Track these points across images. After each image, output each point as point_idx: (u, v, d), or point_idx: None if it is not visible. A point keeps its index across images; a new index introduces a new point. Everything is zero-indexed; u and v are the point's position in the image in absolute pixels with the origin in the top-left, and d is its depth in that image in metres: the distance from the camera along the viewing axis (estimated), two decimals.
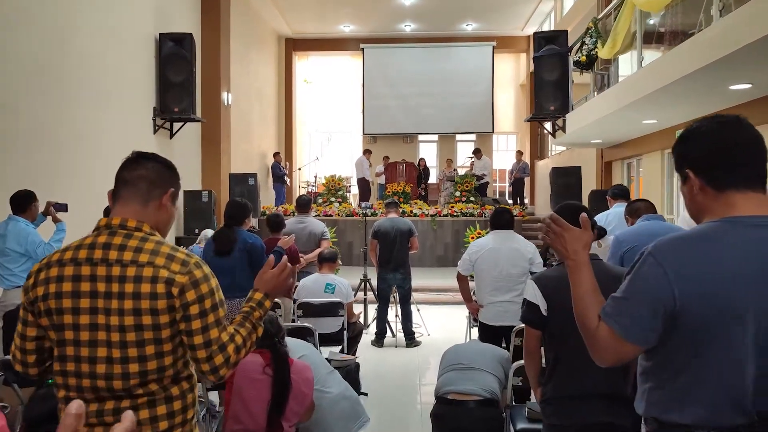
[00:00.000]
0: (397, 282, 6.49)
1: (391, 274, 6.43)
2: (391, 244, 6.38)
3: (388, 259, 6.42)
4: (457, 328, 7.46)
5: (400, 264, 6.42)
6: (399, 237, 6.36)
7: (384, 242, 6.42)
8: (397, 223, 6.45)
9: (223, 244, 4.21)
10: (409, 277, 6.54)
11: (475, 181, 13.19)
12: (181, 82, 8.38)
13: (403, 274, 6.47)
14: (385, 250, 6.42)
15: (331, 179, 13.26)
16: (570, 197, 8.95)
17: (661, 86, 5.52)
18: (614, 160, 9.85)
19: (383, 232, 6.41)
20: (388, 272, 6.45)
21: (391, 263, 6.40)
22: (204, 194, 8.90)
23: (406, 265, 6.49)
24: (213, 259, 4.19)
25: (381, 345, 6.50)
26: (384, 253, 6.45)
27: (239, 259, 4.20)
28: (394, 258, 6.39)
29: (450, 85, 16.49)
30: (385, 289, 6.54)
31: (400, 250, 6.40)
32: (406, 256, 6.48)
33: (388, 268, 6.43)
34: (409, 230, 6.41)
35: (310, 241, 6.25)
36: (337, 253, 5.29)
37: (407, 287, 6.55)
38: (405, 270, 6.48)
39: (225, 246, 4.20)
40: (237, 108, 12.06)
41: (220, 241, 4.25)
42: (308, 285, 5.00)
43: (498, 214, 4.42)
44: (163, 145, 8.68)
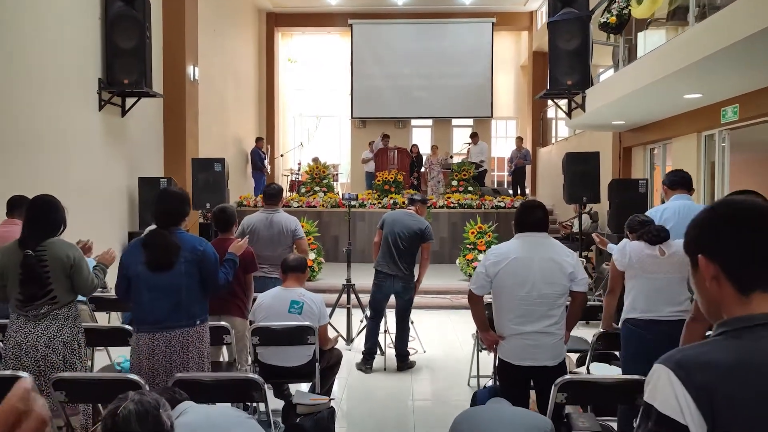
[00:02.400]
0: (396, 290, 5.24)
1: (389, 280, 5.19)
2: (395, 241, 5.16)
3: (387, 260, 5.19)
4: (459, 342, 6.28)
5: (402, 269, 5.19)
6: (407, 235, 5.15)
7: (388, 236, 5.20)
8: (410, 218, 5.25)
9: (162, 255, 2.96)
10: (411, 286, 5.30)
11: (473, 169, 11.99)
12: (132, 49, 7.05)
13: (405, 281, 5.23)
14: (387, 247, 5.20)
15: (315, 166, 11.99)
16: (586, 186, 7.78)
17: (723, 47, 4.32)
18: (635, 146, 8.66)
19: (389, 222, 5.22)
20: (385, 277, 5.21)
21: (391, 266, 5.17)
22: (162, 182, 7.61)
23: (410, 272, 5.26)
24: (147, 275, 2.96)
25: (369, 369, 5.26)
26: (385, 250, 5.22)
27: (186, 273, 2.97)
28: (396, 260, 5.16)
29: (445, 65, 15.25)
30: (379, 298, 5.29)
31: (406, 250, 5.18)
32: (411, 261, 5.24)
33: (387, 271, 5.19)
34: (421, 232, 5.19)
35: (280, 240, 5.04)
36: (306, 260, 4.05)
37: (408, 298, 5.31)
38: (408, 277, 5.24)
39: (164, 257, 2.96)
40: (208, 86, 10.72)
41: (155, 251, 2.98)
42: (267, 303, 3.76)
43: (527, 211, 3.19)
44: (113, 124, 7.37)
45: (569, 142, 12.02)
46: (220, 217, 4.21)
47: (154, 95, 7.49)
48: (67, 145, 6.41)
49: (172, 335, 2.95)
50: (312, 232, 9.11)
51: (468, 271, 8.92)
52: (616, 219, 7.44)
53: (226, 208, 4.25)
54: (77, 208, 5.96)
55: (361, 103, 15.46)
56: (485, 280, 3.09)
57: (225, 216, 4.21)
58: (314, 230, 9.16)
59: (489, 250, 3.16)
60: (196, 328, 3.03)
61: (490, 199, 11.32)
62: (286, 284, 3.84)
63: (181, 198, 3.17)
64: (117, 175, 7.47)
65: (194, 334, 3.01)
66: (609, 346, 3.61)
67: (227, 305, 4.05)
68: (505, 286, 3.04)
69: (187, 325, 2.99)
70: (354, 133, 15.97)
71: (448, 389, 4.99)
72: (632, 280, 3.42)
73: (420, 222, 5.22)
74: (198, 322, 3.04)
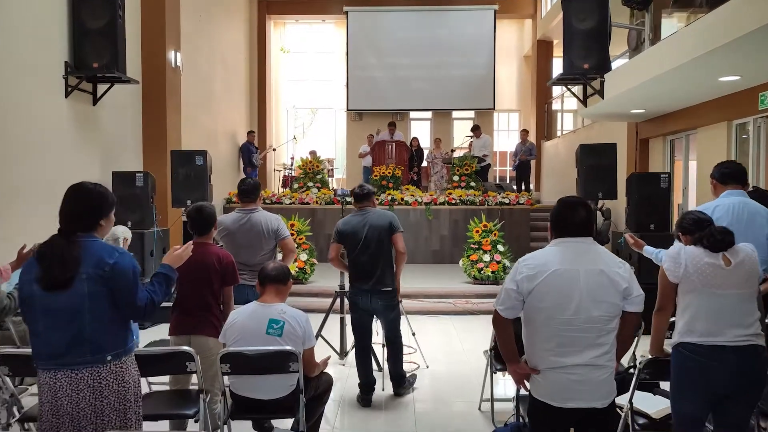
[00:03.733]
0: (376, 308, 4.41)
1: (366, 296, 4.35)
2: (362, 250, 4.33)
3: (360, 274, 4.36)
4: (465, 354, 5.62)
5: (379, 280, 4.33)
6: (375, 238, 4.32)
7: (352, 248, 4.37)
8: (370, 217, 4.38)
9: (57, 270, 2.26)
10: (395, 300, 4.45)
11: (476, 164, 11.32)
12: (102, 29, 6.37)
13: (386, 296, 4.36)
14: (355, 259, 4.37)
15: (308, 160, 11.30)
16: (602, 181, 7.13)
17: None
18: (653, 137, 7.99)
19: (349, 233, 4.36)
20: (361, 294, 4.37)
21: (366, 280, 4.34)
22: (138, 177, 6.93)
23: (388, 281, 4.38)
24: (42, 296, 2.27)
25: (369, 403, 4.47)
26: (354, 265, 4.40)
27: (89, 294, 2.28)
28: (370, 271, 4.33)
29: (445, 54, 14.56)
30: (361, 320, 4.47)
31: (378, 257, 4.33)
32: (387, 267, 4.38)
33: (362, 287, 4.36)
34: (390, 225, 4.37)
35: (261, 243, 4.37)
36: (289, 270, 3.37)
37: (393, 316, 4.48)
38: (388, 288, 4.37)
39: (59, 273, 2.26)
40: (194, 75, 10.02)
41: (49, 265, 2.28)
42: (241, 323, 3.09)
43: (568, 209, 2.49)
44: (82, 113, 6.68)
45: (577, 134, 11.36)
46: (196, 218, 3.53)
47: (129, 81, 6.80)
48: (30, 135, 5.73)
49: (78, 375, 2.26)
50: (304, 231, 8.44)
51: (472, 273, 8.26)
52: (635, 216, 6.79)
53: (203, 208, 3.57)
54: (41, 206, 5.31)
55: (357, 95, 14.75)
56: (517, 299, 2.41)
57: (202, 217, 3.53)
58: (306, 229, 8.49)
59: (521, 261, 2.48)
60: (110, 366, 2.32)
61: (494, 195, 10.66)
62: (263, 299, 3.16)
63: (92, 195, 2.40)
64: (88, 169, 6.78)
65: (109, 375, 2.31)
66: (657, 375, 2.95)
67: (198, 323, 3.39)
68: (543, 306, 2.37)
69: (94, 362, 2.28)
70: (350, 126, 15.27)
71: (458, 417, 4.31)
72: (689, 296, 2.75)
73: (384, 215, 4.46)
74: (109, 358, 2.32)
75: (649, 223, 6.63)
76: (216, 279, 3.42)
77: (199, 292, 3.39)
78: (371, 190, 4.60)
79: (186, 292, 3.41)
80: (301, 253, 8.30)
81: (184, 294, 3.41)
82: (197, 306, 3.39)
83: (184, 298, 3.42)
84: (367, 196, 4.52)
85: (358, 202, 4.53)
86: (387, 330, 4.52)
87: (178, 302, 3.45)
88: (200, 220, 3.52)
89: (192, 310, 3.40)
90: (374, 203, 4.60)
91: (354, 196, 4.56)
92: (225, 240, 4.42)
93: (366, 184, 4.66)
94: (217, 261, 3.43)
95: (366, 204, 4.51)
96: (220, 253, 3.51)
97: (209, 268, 3.40)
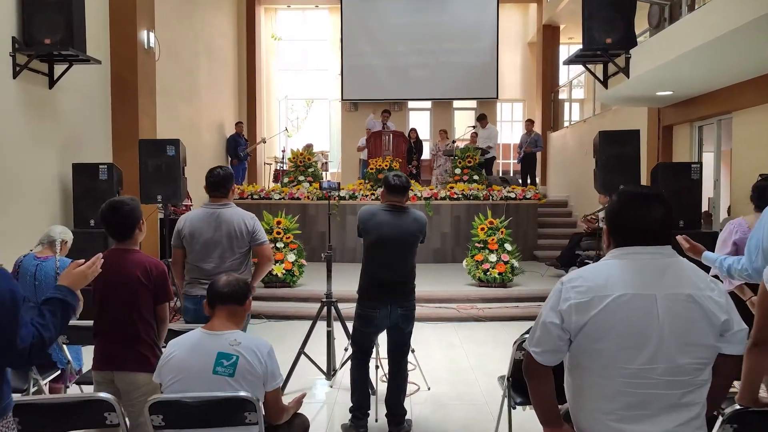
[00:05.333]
0: (394, 322, 3.59)
1: (385, 308, 3.54)
2: (390, 255, 3.55)
3: (381, 282, 3.57)
4: (473, 372, 4.82)
5: (403, 290, 3.58)
6: (404, 243, 3.55)
7: (377, 249, 3.58)
8: (402, 216, 3.57)
9: None
10: (413, 313, 3.66)
11: (480, 156, 10.53)
12: (56, 1, 5.57)
13: (407, 307, 3.60)
14: (380, 263, 3.58)
15: (299, 152, 10.51)
16: (624, 172, 6.36)
17: None
18: (678, 124, 7.20)
19: (377, 232, 3.56)
20: (379, 304, 3.55)
21: (389, 289, 3.55)
22: (102, 169, 6.15)
23: (409, 290, 3.63)
24: None
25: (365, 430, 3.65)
26: (376, 268, 3.60)
27: None
28: (395, 280, 3.55)
29: (446, 41, 13.77)
30: (368, 333, 3.68)
31: (405, 262, 3.58)
32: (412, 274, 3.64)
33: (382, 297, 3.55)
34: (421, 230, 3.60)
35: (231, 246, 3.63)
36: (248, 285, 2.57)
37: (408, 330, 3.69)
38: (408, 299, 3.60)
39: None
40: (174, 62, 9.24)
41: None
42: (179, 359, 2.30)
43: (636, 205, 1.71)
44: (36, 96, 5.88)
45: (589, 124, 10.56)
46: (110, 218, 2.75)
47: (88, 60, 5.99)
48: None
49: None
50: (292, 228, 7.66)
51: (477, 275, 7.48)
52: None
53: (119, 205, 2.78)
54: None
55: (352, 84, 13.95)
56: (561, 338, 1.64)
57: (118, 217, 2.75)
58: (294, 226, 7.71)
59: (566, 281, 1.69)
60: None
61: (499, 189, 9.88)
62: (211, 324, 2.37)
63: None
64: (43, 161, 5.99)
65: None
66: (745, 429, 2.17)
67: (123, 355, 2.62)
68: (601, 349, 1.60)
69: None
70: (345, 117, 14.47)
71: None
72: None
73: (419, 218, 3.62)
74: None
75: (678, 220, 5.90)
76: (145, 296, 2.66)
77: (122, 316, 2.63)
78: (409, 184, 3.71)
79: (105, 317, 2.64)
80: (289, 253, 7.53)
81: (102, 319, 2.64)
82: (121, 334, 2.62)
83: (104, 324, 2.65)
84: (403, 190, 3.63)
85: (391, 194, 3.62)
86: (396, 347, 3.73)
87: (97, 330, 2.68)
88: (116, 221, 2.74)
89: (114, 338, 2.63)
90: (407, 199, 3.72)
91: (387, 186, 3.62)
92: (188, 242, 3.67)
93: (404, 175, 3.70)
94: (144, 273, 2.67)
95: (399, 199, 3.62)
96: (149, 262, 2.74)
97: (134, 283, 2.64)
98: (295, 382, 4.50)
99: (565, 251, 8.45)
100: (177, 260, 3.76)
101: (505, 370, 3.26)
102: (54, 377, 3.67)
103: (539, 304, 7.57)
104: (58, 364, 3.69)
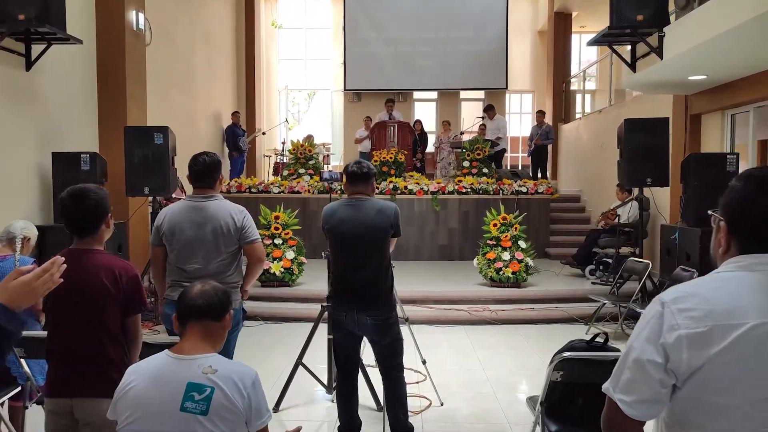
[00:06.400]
0: (366, 332, 3.12)
1: (351, 313, 3.07)
2: (350, 253, 3.10)
3: (343, 284, 3.15)
4: (491, 385, 4.25)
5: (370, 295, 3.08)
6: (367, 238, 3.08)
7: (338, 248, 3.16)
8: (364, 209, 3.11)
9: None
10: (391, 320, 3.14)
11: (489, 148, 10.02)
12: None
13: (379, 314, 3.08)
14: (341, 262, 3.16)
15: (299, 144, 10.00)
16: (651, 164, 5.87)
17: None
18: (707, 112, 6.68)
19: (336, 227, 3.13)
20: (345, 310, 3.09)
21: (353, 294, 3.09)
22: (84, 159, 5.65)
23: (383, 295, 3.11)
24: None
25: None
26: (339, 271, 3.18)
27: None
28: (358, 279, 3.08)
29: (453, 29, 13.25)
30: (345, 346, 3.20)
31: (370, 261, 3.08)
32: (382, 276, 3.11)
33: (346, 301, 3.10)
34: (389, 223, 3.11)
35: (218, 244, 3.17)
36: (228, 296, 2.06)
37: (389, 342, 3.15)
38: (382, 305, 3.10)
39: None
40: (168, 48, 8.73)
41: None
42: (139, 391, 1.80)
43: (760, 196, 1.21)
44: (11, 78, 5.38)
45: (605, 115, 10.03)
46: (72, 207, 2.25)
47: (68, 39, 5.48)
48: None
49: None
50: (291, 224, 7.16)
51: (489, 274, 6.97)
52: (694, 207, 5.53)
53: (84, 192, 2.28)
54: None
55: (355, 74, 13.43)
56: (662, 383, 1.14)
57: (82, 207, 2.25)
58: (294, 222, 7.21)
59: (669, 299, 1.16)
60: None
61: (510, 183, 9.37)
62: (181, 346, 1.87)
63: None
64: (18, 148, 5.49)
65: None
66: None
67: (84, 378, 2.13)
68: (728, 405, 1.10)
69: None
70: (347, 108, 13.95)
71: None
72: None
73: (385, 207, 3.13)
74: None
75: None
76: (112, 307, 2.17)
77: (83, 331, 2.14)
78: (372, 170, 3.29)
79: (60, 332, 2.15)
80: (288, 250, 7.04)
81: (57, 334, 2.15)
82: (81, 352, 2.13)
83: (59, 340, 2.16)
84: (365, 178, 3.22)
85: (352, 185, 3.23)
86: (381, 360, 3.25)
87: (51, 348, 2.19)
88: (79, 212, 2.25)
89: (73, 358, 2.14)
90: (373, 189, 3.31)
91: (347, 175, 3.23)
92: (168, 239, 3.18)
93: (365, 161, 3.32)
94: (111, 278, 2.18)
95: (361, 189, 3.22)
96: (117, 264, 2.25)
97: (98, 291, 2.15)
98: (292, 395, 4.01)
99: (582, 249, 7.95)
100: (157, 260, 3.27)
101: (527, 384, 2.78)
102: (13, 395, 3.19)
103: (556, 306, 7.08)
104: (18, 380, 3.21)
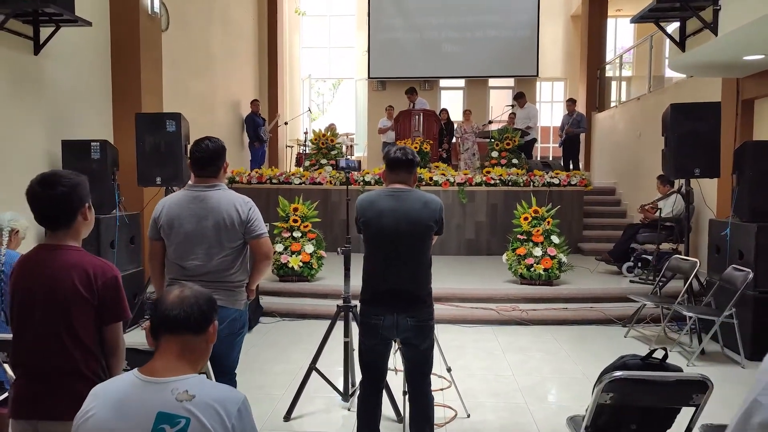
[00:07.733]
0: (402, 335, 2.75)
1: (389, 315, 2.71)
2: (389, 249, 2.73)
3: (379, 284, 2.77)
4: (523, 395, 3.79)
5: (413, 296, 2.74)
6: (409, 233, 2.71)
7: (376, 243, 2.78)
8: (407, 201, 2.74)
9: None
10: (432, 323, 2.80)
11: (519, 137, 9.55)
12: None
13: (418, 316, 2.73)
14: (378, 259, 2.78)
15: (321, 133, 9.67)
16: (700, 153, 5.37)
17: None
18: (761, 97, 6.12)
19: (373, 220, 2.75)
20: (380, 311, 2.73)
21: (390, 292, 2.73)
22: (94, 147, 5.41)
23: (424, 297, 2.77)
24: None
25: None
26: (378, 270, 2.78)
27: None
28: (398, 279, 2.72)
29: (481, 14, 12.75)
30: (373, 347, 2.81)
31: (411, 260, 2.73)
32: (424, 276, 2.78)
33: (383, 301, 2.74)
34: (434, 219, 2.75)
35: (220, 239, 2.85)
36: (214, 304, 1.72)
37: (425, 347, 2.79)
38: (421, 307, 2.75)
39: None
40: (185, 34, 8.48)
41: None
42: (99, 421, 1.47)
43: None
44: (19, 63, 5.15)
45: (643, 102, 9.46)
46: (40, 195, 1.94)
47: (76, 21, 5.22)
48: None
49: None
50: (310, 216, 6.84)
51: (519, 271, 6.55)
52: (750, 201, 5.01)
53: (55, 179, 1.96)
54: None
55: (380, 61, 13.03)
56: None
57: (53, 194, 1.93)
58: (313, 214, 6.89)
59: None
60: None
61: (541, 174, 8.89)
62: (153, 366, 1.53)
63: None
64: (26, 136, 5.27)
65: None
66: None
67: (51, 397, 1.82)
68: None
69: None
70: (371, 97, 13.57)
71: None
72: None
73: (430, 202, 2.77)
74: None
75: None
76: (84, 313, 1.85)
77: (50, 342, 1.83)
78: (417, 158, 2.90)
79: (24, 343, 1.84)
80: (307, 243, 6.72)
81: (21, 346, 1.85)
82: (50, 367, 1.82)
83: (23, 353, 1.85)
84: (408, 165, 2.84)
85: (393, 173, 2.85)
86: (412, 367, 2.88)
87: (16, 362, 1.88)
88: (48, 201, 1.93)
89: (39, 374, 1.83)
90: (416, 180, 2.91)
91: (388, 162, 2.86)
92: (167, 233, 2.87)
93: (409, 147, 2.90)
94: (83, 280, 1.87)
95: (404, 178, 2.83)
96: (92, 264, 1.93)
97: (68, 294, 1.84)
98: (304, 403, 3.69)
99: (619, 245, 7.46)
100: (154, 255, 2.97)
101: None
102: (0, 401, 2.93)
103: (591, 306, 6.60)
104: (5, 384, 2.95)
